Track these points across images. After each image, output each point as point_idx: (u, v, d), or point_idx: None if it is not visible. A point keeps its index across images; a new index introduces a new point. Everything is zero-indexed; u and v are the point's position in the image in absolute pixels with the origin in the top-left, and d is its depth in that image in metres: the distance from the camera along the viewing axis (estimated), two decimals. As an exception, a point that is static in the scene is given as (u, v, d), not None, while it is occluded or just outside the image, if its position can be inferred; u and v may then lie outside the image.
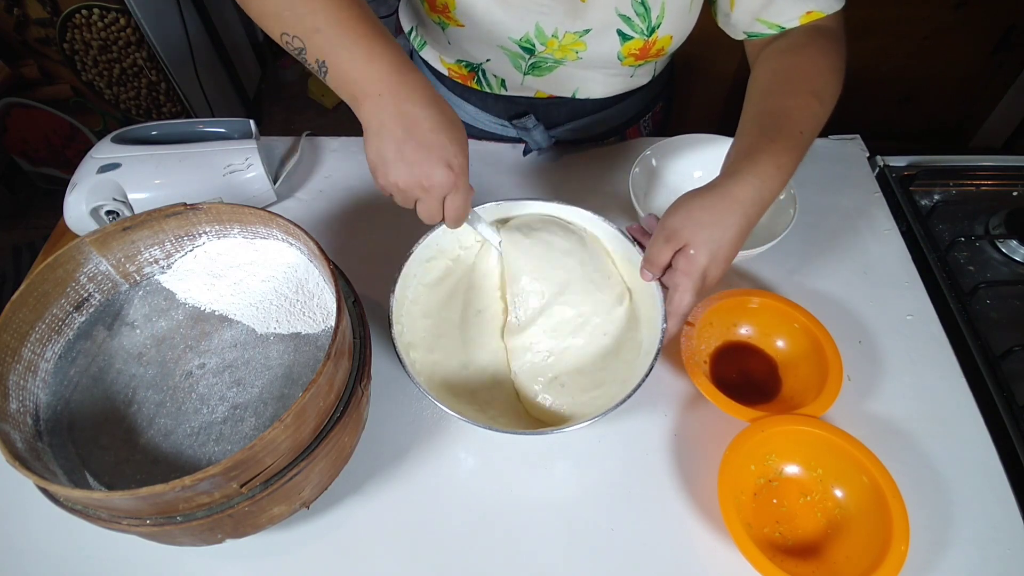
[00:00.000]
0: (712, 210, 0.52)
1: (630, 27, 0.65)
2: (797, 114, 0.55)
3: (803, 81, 0.57)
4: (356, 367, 0.50)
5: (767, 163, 0.52)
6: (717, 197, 0.52)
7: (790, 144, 0.54)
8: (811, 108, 0.56)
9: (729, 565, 0.51)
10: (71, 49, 1.60)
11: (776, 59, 0.61)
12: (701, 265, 0.52)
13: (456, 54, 0.74)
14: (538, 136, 0.79)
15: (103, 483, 0.47)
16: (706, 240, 0.51)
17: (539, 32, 0.65)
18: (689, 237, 0.52)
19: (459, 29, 0.68)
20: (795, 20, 0.61)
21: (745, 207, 0.51)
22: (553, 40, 0.66)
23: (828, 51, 0.59)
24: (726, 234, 0.51)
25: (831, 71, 0.58)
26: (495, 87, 0.78)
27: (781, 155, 0.53)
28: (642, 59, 0.69)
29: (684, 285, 0.53)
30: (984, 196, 0.84)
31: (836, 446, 0.54)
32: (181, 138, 0.76)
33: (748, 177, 0.52)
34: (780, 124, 0.55)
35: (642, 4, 0.63)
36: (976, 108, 1.74)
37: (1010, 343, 0.65)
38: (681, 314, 0.54)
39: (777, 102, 0.57)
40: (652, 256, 0.55)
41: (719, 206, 0.52)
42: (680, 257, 0.53)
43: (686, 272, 0.52)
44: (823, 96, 0.57)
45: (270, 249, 0.59)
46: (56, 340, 0.53)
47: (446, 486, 0.57)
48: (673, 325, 0.54)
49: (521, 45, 0.68)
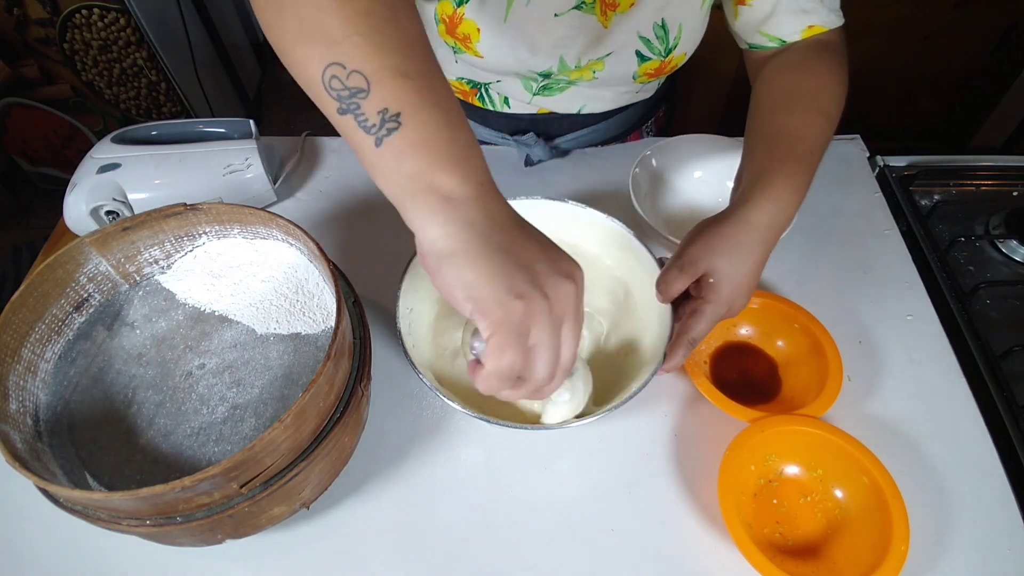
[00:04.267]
0: (731, 239, 0.51)
1: (649, 48, 0.65)
2: (806, 133, 0.55)
3: (810, 98, 0.57)
4: (356, 367, 0.50)
5: (782, 187, 0.51)
6: (734, 225, 0.51)
7: (802, 166, 0.53)
8: (819, 126, 0.55)
9: (729, 565, 0.51)
10: (71, 49, 1.60)
11: (780, 75, 0.60)
12: (725, 295, 0.51)
13: (461, 73, 0.74)
14: (539, 151, 0.79)
15: (103, 484, 0.47)
16: (726, 268, 0.50)
17: (562, 64, 0.65)
18: (708, 267, 0.51)
19: (475, 58, 0.66)
20: (796, 34, 0.61)
21: (763, 234, 0.51)
22: (576, 68, 0.66)
23: (832, 67, 0.59)
24: (746, 262, 0.51)
25: (836, 87, 0.58)
26: (498, 104, 0.77)
27: (794, 177, 0.52)
28: (656, 77, 0.70)
29: (704, 312, 0.51)
30: (984, 196, 0.84)
31: (836, 446, 0.54)
32: (181, 138, 0.76)
33: (764, 203, 0.51)
34: (791, 145, 0.54)
35: (662, 27, 0.63)
36: (976, 108, 1.74)
37: (1010, 343, 0.65)
38: (691, 339, 0.52)
39: (785, 121, 0.56)
40: (667, 283, 0.53)
41: (738, 234, 0.51)
42: (703, 286, 0.52)
43: (709, 300, 0.51)
44: (830, 113, 0.56)
45: (270, 249, 0.59)
46: (56, 340, 0.53)
47: (446, 486, 0.57)
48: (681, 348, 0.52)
49: (540, 73, 0.67)
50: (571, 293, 0.36)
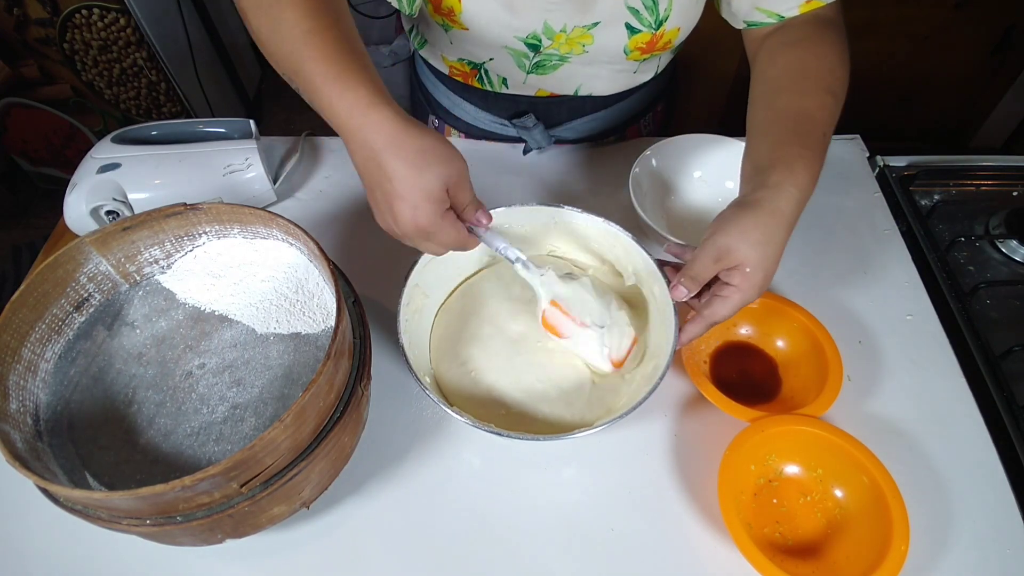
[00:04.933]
0: (765, 228, 0.51)
1: (638, 20, 0.64)
2: (819, 115, 0.55)
3: (818, 79, 0.57)
4: (356, 367, 0.50)
5: (803, 173, 0.52)
6: (767, 215, 0.51)
7: (819, 149, 0.53)
8: (829, 108, 0.56)
9: (729, 565, 0.51)
10: (71, 49, 1.60)
11: (784, 53, 0.60)
12: (758, 284, 0.51)
13: (458, 53, 0.74)
14: (538, 135, 0.79)
15: (103, 483, 0.47)
16: (761, 259, 0.50)
17: (547, 29, 0.65)
18: (744, 258, 0.51)
19: (463, 32, 0.67)
20: (795, 9, 0.60)
21: (790, 220, 0.51)
22: (561, 35, 0.66)
23: (835, 44, 0.59)
24: (777, 251, 0.51)
25: (841, 66, 0.58)
26: (496, 85, 0.77)
27: (814, 162, 0.53)
28: (648, 53, 0.69)
29: (734, 298, 0.52)
30: (984, 196, 0.84)
31: (836, 446, 0.54)
32: (181, 138, 0.76)
33: (790, 189, 0.51)
34: (808, 129, 0.54)
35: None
36: (976, 108, 1.74)
37: (1010, 343, 0.65)
38: (713, 322, 0.53)
39: (798, 103, 0.56)
40: (697, 273, 0.53)
41: (771, 224, 0.51)
42: (735, 274, 0.52)
43: (741, 288, 0.51)
44: (838, 93, 0.57)
45: (270, 249, 0.59)
46: (56, 340, 0.53)
47: (446, 487, 0.57)
48: (700, 329, 0.54)
49: (527, 42, 0.67)
50: (416, 229, 0.48)
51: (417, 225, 0.48)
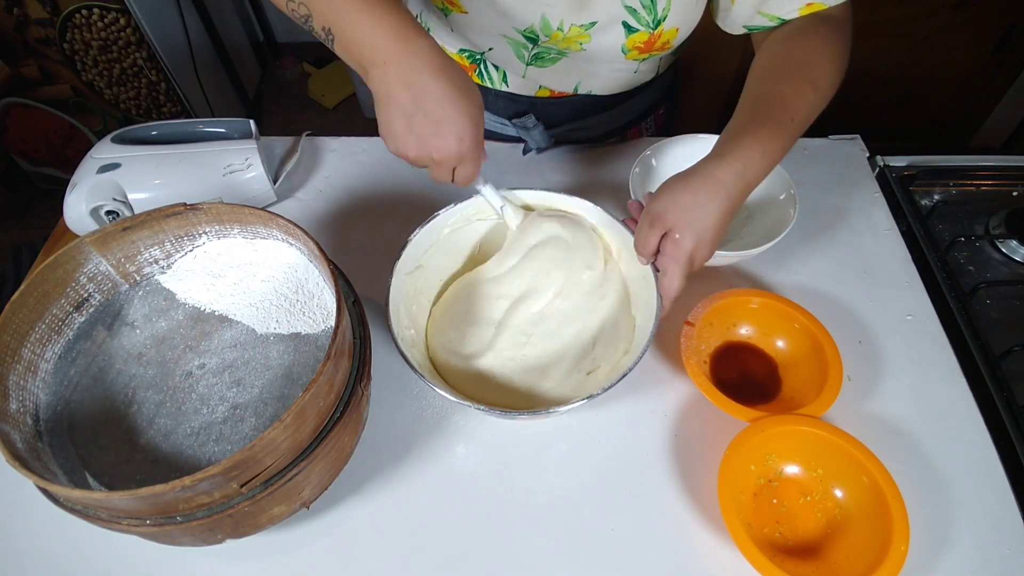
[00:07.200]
0: (696, 192, 0.52)
1: (636, 19, 0.65)
2: (790, 100, 0.56)
3: (800, 68, 0.57)
4: (356, 367, 0.50)
5: (752, 147, 0.53)
6: (700, 179, 0.53)
7: (780, 130, 0.54)
8: (805, 95, 0.56)
9: (729, 565, 0.51)
10: (71, 49, 1.60)
11: (777, 45, 0.61)
12: (687, 249, 0.52)
13: (458, 43, 0.74)
14: (538, 136, 0.79)
15: (103, 483, 0.47)
16: (690, 223, 0.52)
17: (545, 24, 0.65)
18: (673, 221, 0.52)
19: (462, 16, 0.68)
20: (794, 12, 0.61)
21: (729, 189, 0.52)
22: (558, 33, 0.66)
23: (829, 39, 0.59)
24: (710, 217, 0.52)
25: (830, 60, 0.58)
26: (496, 82, 0.77)
27: (769, 140, 0.53)
28: (646, 52, 0.69)
29: (672, 270, 0.54)
30: (984, 196, 0.84)
31: (836, 446, 0.54)
32: (181, 138, 0.76)
33: (732, 160, 0.52)
34: (772, 110, 0.55)
35: None
36: (976, 108, 1.75)
37: (1010, 343, 0.65)
38: (671, 297, 0.55)
39: (772, 88, 0.57)
40: (640, 242, 0.56)
41: (702, 188, 0.52)
42: (667, 242, 0.53)
43: (673, 257, 0.53)
44: (819, 84, 0.57)
45: (270, 249, 0.59)
46: (56, 340, 0.53)
47: (446, 486, 0.57)
48: (666, 305, 0.55)
49: (525, 35, 0.67)
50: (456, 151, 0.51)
51: (459, 151, 0.50)
